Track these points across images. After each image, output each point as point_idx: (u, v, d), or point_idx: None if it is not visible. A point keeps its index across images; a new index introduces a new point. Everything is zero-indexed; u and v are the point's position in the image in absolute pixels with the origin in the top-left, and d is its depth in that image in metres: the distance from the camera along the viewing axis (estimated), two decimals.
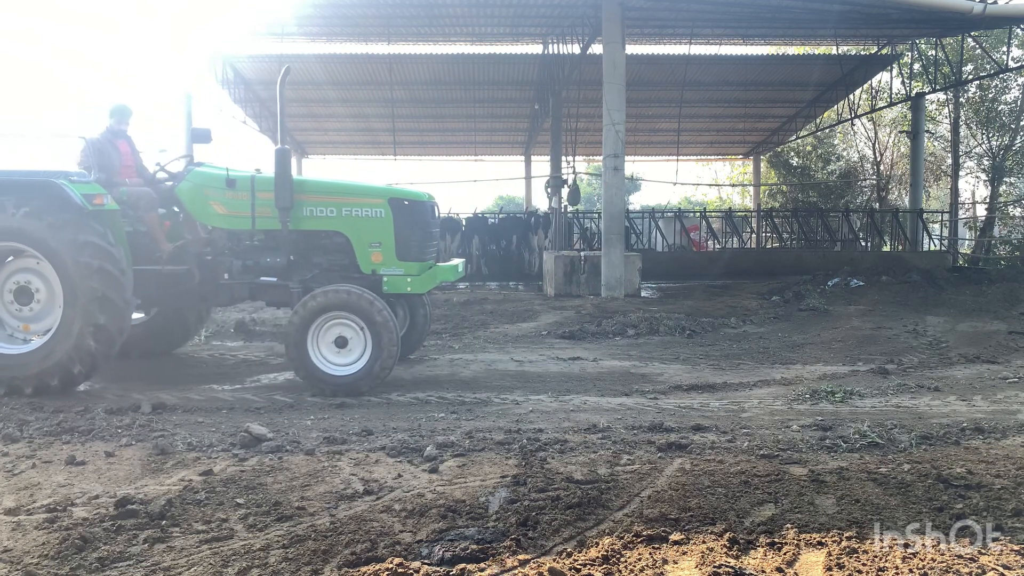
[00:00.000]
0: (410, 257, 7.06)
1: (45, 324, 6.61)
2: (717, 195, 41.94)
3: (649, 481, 4.02)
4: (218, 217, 7.06)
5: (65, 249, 6.28)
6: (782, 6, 17.27)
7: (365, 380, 6.58)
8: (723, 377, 7.48)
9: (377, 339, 6.52)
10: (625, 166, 15.13)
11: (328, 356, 6.65)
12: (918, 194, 24.36)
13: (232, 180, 6.94)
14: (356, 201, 7.06)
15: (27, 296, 6.63)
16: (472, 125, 29.17)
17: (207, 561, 3.09)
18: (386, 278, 6.99)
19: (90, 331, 6.28)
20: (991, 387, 6.90)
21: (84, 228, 6.34)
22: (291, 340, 6.56)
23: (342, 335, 6.65)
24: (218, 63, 22.89)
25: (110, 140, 7.29)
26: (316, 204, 7.02)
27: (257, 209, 6.94)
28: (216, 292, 7.31)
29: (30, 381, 6.29)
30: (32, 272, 6.65)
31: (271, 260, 7.18)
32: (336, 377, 6.59)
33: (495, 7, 18.61)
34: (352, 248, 7.07)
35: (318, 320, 6.58)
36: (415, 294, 7.37)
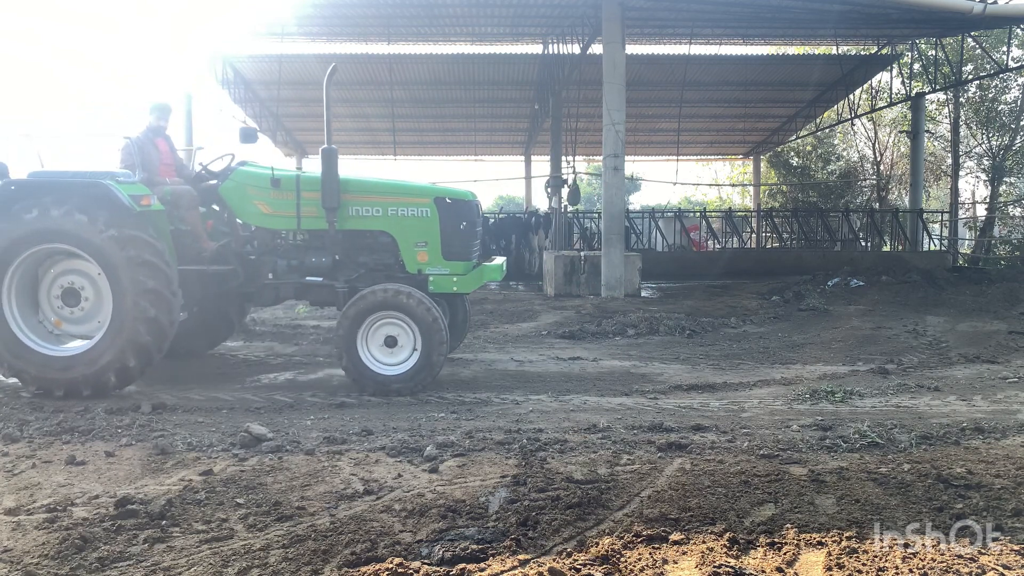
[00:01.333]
0: (455, 256, 7.05)
1: (92, 325, 6.58)
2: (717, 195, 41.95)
3: (649, 481, 4.02)
4: (262, 217, 7.04)
5: (114, 250, 6.24)
6: (782, 6, 17.26)
7: (415, 379, 6.57)
8: (723, 377, 7.48)
9: (427, 339, 6.51)
10: (625, 166, 15.13)
11: (377, 356, 6.64)
12: (918, 194, 24.36)
13: (277, 179, 6.91)
14: (402, 201, 7.03)
15: (74, 298, 6.60)
16: (472, 125, 29.19)
17: (207, 561, 3.09)
18: (432, 277, 6.99)
19: (142, 325, 6.25)
20: (991, 387, 6.90)
21: (132, 227, 6.32)
22: (341, 340, 6.54)
23: (391, 335, 6.63)
24: (218, 63, 22.90)
25: (150, 139, 7.25)
26: (362, 204, 6.99)
27: (302, 209, 6.92)
28: (260, 292, 7.27)
29: (88, 381, 6.27)
30: (78, 273, 6.61)
31: (316, 260, 7.14)
32: (386, 377, 6.57)
33: (495, 7, 18.61)
34: (397, 248, 7.06)
35: (368, 320, 6.56)
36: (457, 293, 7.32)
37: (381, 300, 6.53)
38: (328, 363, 8.17)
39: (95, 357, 6.28)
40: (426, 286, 6.92)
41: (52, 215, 6.27)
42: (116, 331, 6.30)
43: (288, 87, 23.48)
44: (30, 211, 6.30)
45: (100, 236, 6.25)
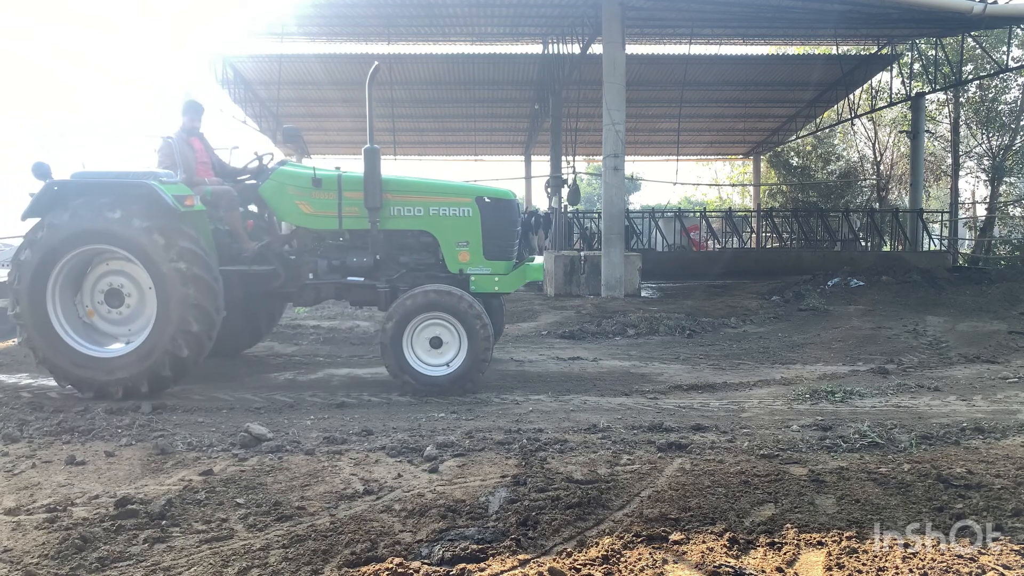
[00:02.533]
0: (497, 256, 7.04)
1: (135, 326, 6.56)
2: (717, 195, 41.98)
3: (649, 481, 4.02)
4: (304, 216, 7.00)
5: (159, 253, 6.22)
6: (782, 6, 17.27)
7: (460, 380, 6.55)
8: (723, 377, 7.48)
9: (473, 339, 6.49)
10: (625, 166, 15.13)
11: (423, 356, 6.62)
12: (918, 194, 24.37)
13: (319, 179, 6.89)
14: (444, 200, 7.01)
15: (118, 299, 6.58)
16: (472, 125, 29.23)
17: (207, 561, 3.09)
18: (473, 277, 6.98)
19: (182, 337, 6.23)
20: (991, 387, 6.90)
21: (177, 231, 6.30)
22: (387, 341, 6.51)
23: (437, 335, 6.61)
24: (218, 63, 22.91)
25: (184, 139, 7.22)
26: (403, 204, 6.97)
27: (344, 208, 6.90)
28: (301, 292, 7.22)
29: (120, 385, 6.25)
30: (121, 274, 6.58)
31: (357, 260, 7.10)
32: (431, 378, 6.56)
33: (495, 7, 18.62)
34: (439, 247, 7.05)
35: (414, 321, 6.53)
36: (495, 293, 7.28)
37: (428, 301, 6.51)
38: (328, 363, 8.18)
39: (137, 359, 6.27)
40: (467, 286, 6.90)
41: (97, 216, 6.25)
42: (156, 339, 6.27)
43: (288, 87, 23.49)
44: (74, 212, 6.27)
45: (145, 237, 6.22)
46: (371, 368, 7.96)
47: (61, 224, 6.27)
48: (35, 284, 6.29)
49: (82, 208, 6.28)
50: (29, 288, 6.29)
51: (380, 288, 6.99)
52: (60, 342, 6.32)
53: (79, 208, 6.28)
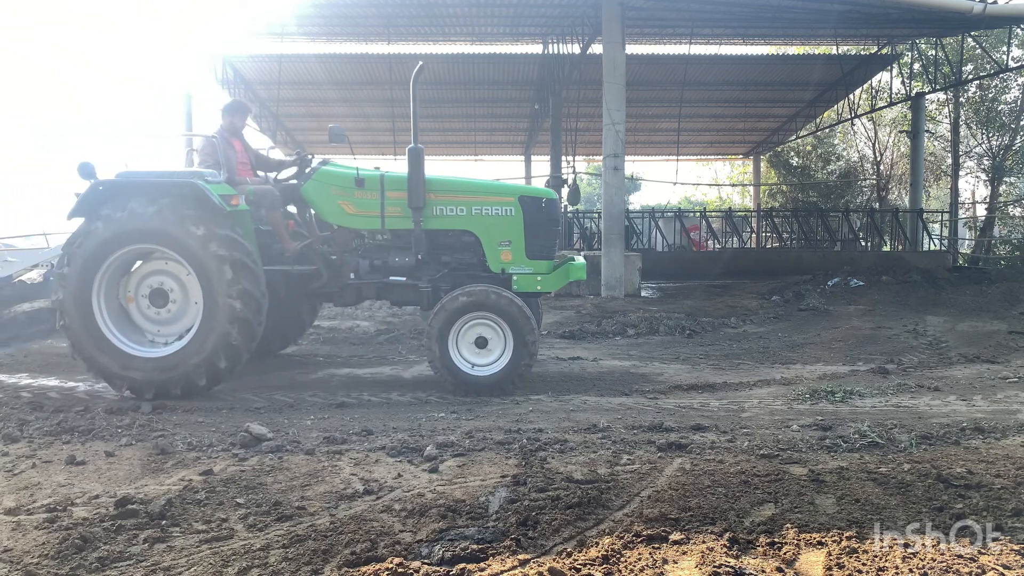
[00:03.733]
0: (539, 255, 7.04)
1: (180, 326, 6.56)
2: (717, 195, 41.99)
3: (649, 481, 4.02)
4: (346, 216, 7.00)
5: (206, 251, 6.21)
6: (782, 6, 17.27)
7: (506, 380, 6.56)
8: (723, 377, 7.48)
9: (519, 339, 6.49)
10: (625, 166, 15.14)
11: (468, 356, 6.62)
12: (918, 194, 24.38)
13: (362, 179, 6.89)
14: (487, 200, 7.03)
15: (162, 298, 6.57)
16: (472, 125, 29.24)
17: (207, 561, 3.09)
18: (516, 277, 6.98)
19: (233, 328, 6.23)
20: (991, 387, 6.90)
21: (223, 229, 6.30)
22: (432, 341, 6.51)
23: (482, 335, 6.61)
24: (218, 63, 22.90)
25: (226, 138, 7.22)
26: (446, 203, 6.97)
27: (387, 208, 6.91)
28: (342, 292, 7.21)
29: (177, 382, 6.25)
30: (164, 274, 6.58)
31: (399, 259, 7.10)
32: (477, 378, 6.56)
33: (495, 7, 18.62)
34: (481, 247, 7.06)
35: (460, 320, 6.53)
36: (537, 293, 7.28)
37: (474, 301, 6.51)
38: (328, 363, 8.18)
39: (184, 359, 6.26)
40: (509, 286, 6.90)
41: (143, 215, 6.23)
42: (206, 332, 6.26)
43: (288, 87, 23.49)
44: (121, 212, 6.26)
45: (192, 237, 6.22)
46: (371, 368, 7.96)
47: (106, 224, 6.27)
48: (81, 286, 6.28)
49: (128, 208, 6.26)
50: (76, 291, 6.28)
51: (422, 288, 7.00)
52: (108, 345, 6.30)
53: (125, 208, 6.27)
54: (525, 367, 6.62)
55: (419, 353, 8.92)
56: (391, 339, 9.91)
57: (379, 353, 8.90)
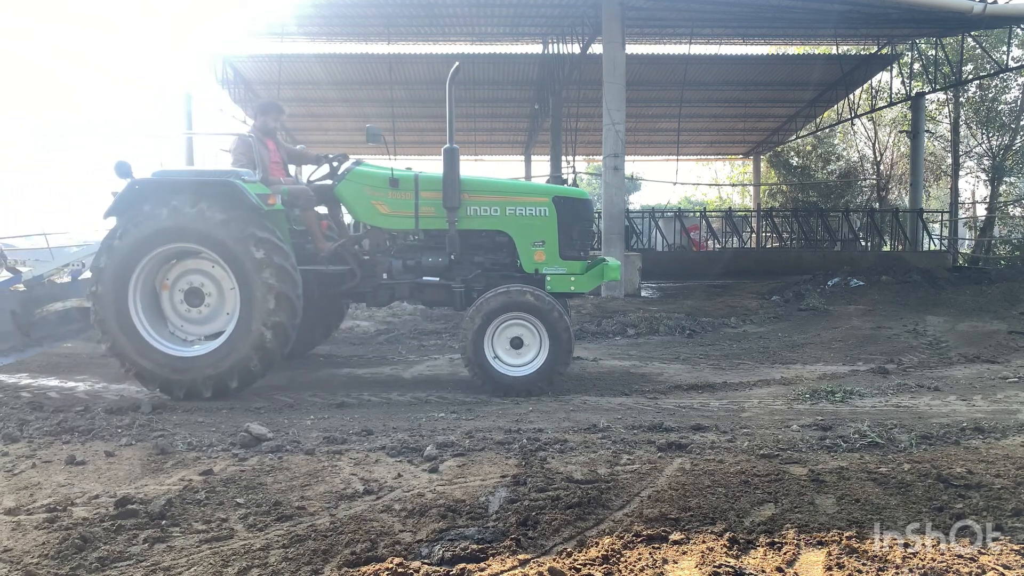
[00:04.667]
0: (572, 256, 7.03)
1: (215, 326, 6.56)
2: (717, 195, 41.99)
3: (649, 481, 4.02)
4: (380, 217, 7.00)
5: (243, 250, 6.21)
6: (782, 6, 17.28)
7: (540, 381, 6.54)
8: (723, 377, 7.48)
9: (555, 340, 6.48)
10: (625, 166, 15.14)
11: (503, 356, 6.61)
12: (918, 194, 24.38)
13: (396, 180, 6.89)
14: (521, 200, 7.02)
15: (198, 298, 6.57)
16: (472, 125, 29.23)
17: (207, 561, 3.09)
18: (549, 277, 6.96)
19: (268, 329, 6.23)
20: (991, 387, 6.90)
21: (261, 229, 6.30)
22: (468, 341, 6.50)
23: (518, 336, 6.60)
24: (218, 63, 22.91)
25: (260, 138, 7.20)
26: (480, 203, 6.97)
27: (421, 208, 6.91)
28: (375, 292, 7.21)
29: (209, 383, 6.25)
30: (200, 273, 6.57)
31: (432, 260, 7.08)
32: (511, 378, 6.55)
33: (495, 7, 18.62)
34: (515, 247, 7.05)
35: (496, 321, 6.52)
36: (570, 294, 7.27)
37: (512, 301, 6.49)
38: (328, 363, 8.18)
39: (220, 358, 6.26)
40: (543, 286, 6.89)
41: (180, 214, 6.23)
42: (243, 332, 6.26)
43: (288, 87, 23.49)
44: (158, 210, 6.26)
45: (230, 236, 6.21)
46: (371, 368, 7.96)
47: (144, 223, 6.27)
48: (118, 284, 6.28)
49: (165, 206, 6.26)
50: (112, 289, 6.27)
51: (456, 288, 7.00)
52: (144, 344, 6.31)
53: (162, 206, 6.27)
54: (560, 369, 6.60)
55: (419, 353, 8.92)
56: (391, 339, 9.91)
57: (379, 353, 8.90)
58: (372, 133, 7.00)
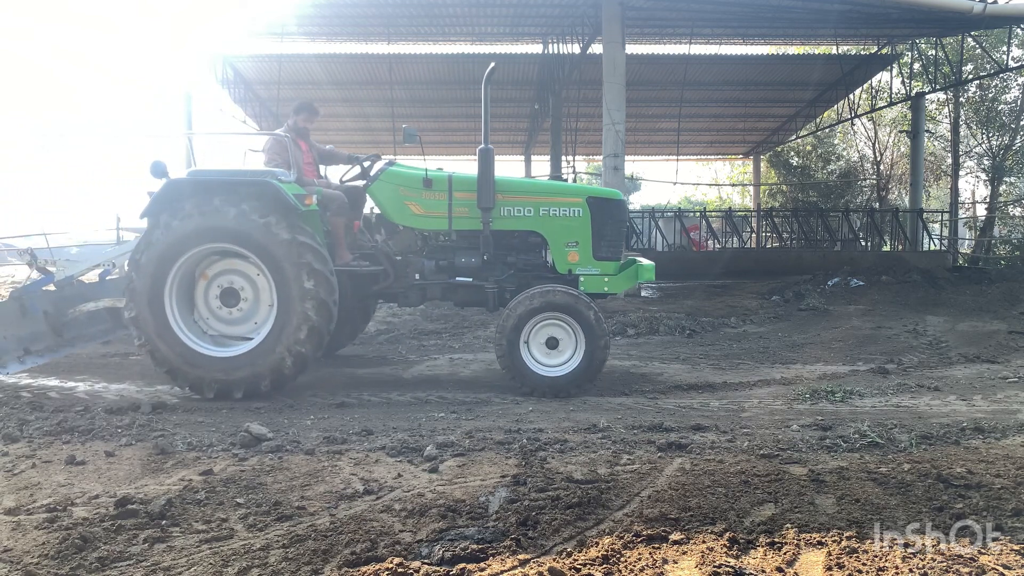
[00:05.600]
0: (605, 256, 7.04)
1: (249, 326, 6.56)
2: (717, 195, 41.99)
3: (649, 481, 4.02)
4: (413, 217, 6.99)
5: (282, 250, 6.20)
6: (782, 6, 17.27)
7: (576, 382, 6.54)
8: (723, 377, 7.48)
9: (591, 341, 6.47)
10: (625, 166, 15.14)
11: (538, 356, 6.60)
12: (918, 194, 24.37)
13: (429, 180, 6.88)
14: (554, 201, 7.02)
15: (234, 298, 6.55)
16: (472, 125, 29.21)
17: (207, 561, 3.09)
18: (583, 278, 6.97)
19: (303, 332, 6.22)
20: (991, 387, 6.90)
21: (299, 230, 6.29)
22: (504, 340, 6.49)
23: (553, 336, 6.59)
24: (218, 63, 22.91)
25: (292, 138, 7.17)
26: (514, 204, 6.97)
27: (454, 209, 6.90)
28: (407, 293, 7.18)
29: (241, 384, 6.25)
30: (236, 273, 6.56)
31: (465, 260, 7.07)
32: (546, 378, 6.54)
33: (495, 7, 18.62)
34: (547, 248, 7.06)
35: (532, 320, 6.51)
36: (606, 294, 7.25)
37: (548, 301, 6.48)
38: (327, 363, 8.17)
39: (255, 359, 6.26)
40: (576, 287, 6.88)
41: (217, 214, 6.22)
42: (278, 333, 6.26)
43: (288, 87, 23.48)
44: (194, 210, 6.26)
45: (269, 236, 6.20)
46: (371, 368, 7.96)
47: (180, 222, 6.26)
48: (154, 284, 6.28)
49: (202, 206, 6.26)
50: (148, 289, 6.27)
51: (488, 289, 6.99)
52: (179, 343, 6.30)
53: (198, 206, 6.26)
54: (596, 369, 6.59)
55: (419, 353, 8.92)
56: (391, 339, 9.91)
57: (379, 353, 8.89)
58: (408, 134, 6.99)
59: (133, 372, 7.46)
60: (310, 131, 7.50)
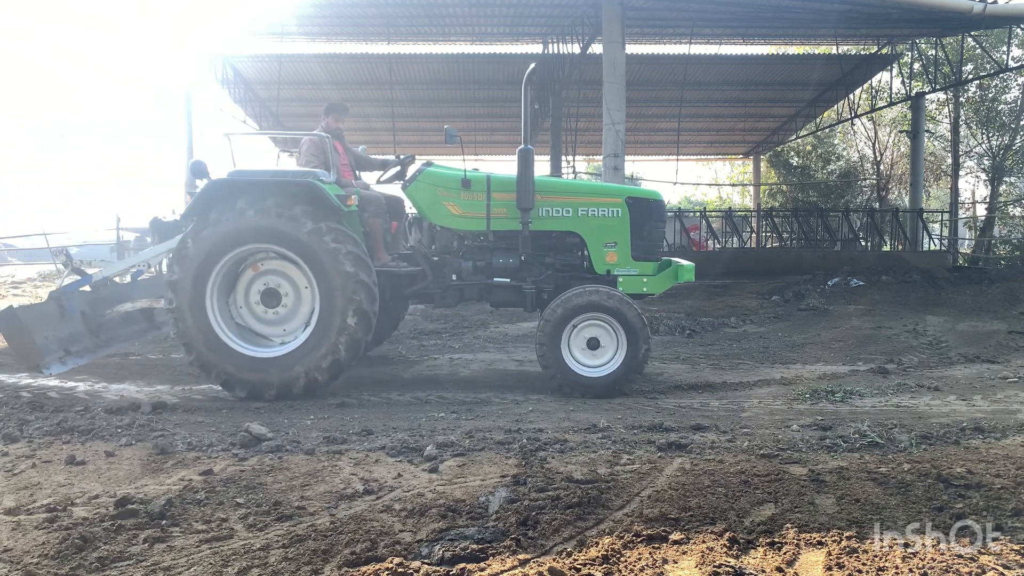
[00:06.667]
0: (644, 257, 7.02)
1: (278, 330, 6.56)
2: (717, 195, 41.99)
3: (649, 481, 4.02)
4: (451, 218, 6.98)
5: (325, 252, 6.20)
6: (782, 6, 17.27)
7: (617, 383, 6.52)
8: (723, 377, 7.48)
9: (633, 342, 6.45)
10: (625, 166, 15.13)
11: (579, 357, 6.59)
12: (918, 194, 24.37)
13: (468, 180, 6.88)
14: (593, 201, 7.00)
15: (275, 299, 6.56)
16: (472, 125, 29.22)
17: (207, 561, 3.09)
18: (621, 278, 6.94)
19: (343, 338, 6.23)
20: (991, 387, 6.90)
21: (341, 231, 6.29)
22: (545, 340, 6.47)
23: (595, 336, 6.57)
24: (218, 63, 22.91)
25: (328, 140, 7.16)
26: (552, 204, 6.95)
27: (493, 209, 6.88)
28: (444, 293, 7.15)
29: (274, 386, 6.24)
30: (277, 274, 6.56)
31: (503, 261, 7.05)
32: (587, 379, 6.52)
33: (495, 7, 18.62)
34: (586, 248, 7.04)
35: (574, 320, 6.50)
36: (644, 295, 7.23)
37: (591, 301, 6.46)
38: None
39: (292, 362, 6.27)
40: (615, 287, 6.86)
41: (259, 214, 6.22)
42: (321, 333, 6.26)
43: (288, 87, 23.49)
44: (236, 210, 6.26)
45: (311, 236, 6.19)
46: (371, 368, 7.96)
47: (222, 223, 6.26)
48: (196, 284, 6.28)
49: (244, 207, 6.26)
50: (191, 288, 6.28)
51: (527, 290, 6.97)
52: (218, 341, 6.31)
53: (241, 207, 6.26)
54: (637, 370, 6.57)
55: (419, 353, 8.92)
56: (391, 339, 9.90)
57: (379, 353, 8.89)
58: (450, 135, 7.00)
59: (133, 372, 7.46)
60: (342, 131, 7.47)
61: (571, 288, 6.68)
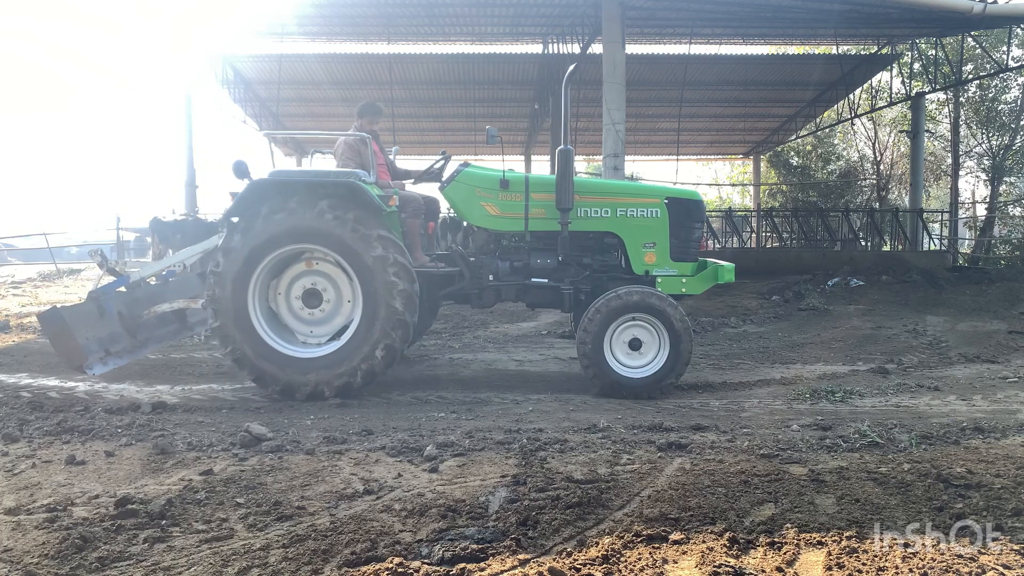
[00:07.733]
0: (682, 257, 7.01)
1: (330, 327, 6.58)
2: (717, 195, 41.97)
3: (649, 481, 4.02)
4: (489, 218, 6.97)
5: (367, 251, 6.20)
6: (782, 6, 17.27)
7: (659, 384, 6.51)
8: (723, 376, 7.48)
9: (676, 343, 6.44)
10: (625, 166, 15.13)
11: (620, 357, 6.58)
12: (918, 194, 24.37)
13: (506, 181, 6.87)
14: (632, 201, 6.99)
15: (316, 299, 6.57)
16: (472, 125, 29.22)
17: (207, 561, 3.09)
18: (660, 279, 6.92)
19: (380, 349, 6.25)
20: (991, 387, 6.90)
21: (384, 232, 6.29)
22: (588, 340, 6.46)
23: (637, 337, 6.57)
24: (218, 63, 22.91)
25: (363, 140, 7.13)
26: (591, 205, 6.94)
27: (531, 210, 6.87)
28: (482, 294, 7.14)
29: (308, 386, 6.26)
30: (325, 277, 6.57)
31: (541, 261, 7.05)
32: (629, 379, 6.52)
33: (495, 7, 18.63)
34: (624, 248, 7.03)
35: (617, 321, 6.49)
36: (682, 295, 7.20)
37: (634, 301, 6.45)
38: None
39: (341, 359, 6.28)
40: (653, 288, 6.84)
41: (302, 215, 6.22)
42: (365, 333, 6.26)
43: (288, 87, 23.50)
44: (279, 211, 6.26)
45: (355, 237, 6.19)
46: None
47: (264, 224, 6.26)
48: (237, 284, 6.29)
49: (286, 207, 6.26)
50: (232, 287, 6.29)
51: (564, 290, 6.96)
52: (258, 339, 6.32)
53: (284, 207, 6.27)
54: (679, 371, 6.55)
55: (419, 353, 8.92)
56: None
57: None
58: (491, 135, 7.00)
59: (133, 372, 7.46)
60: (377, 133, 7.44)
61: (611, 288, 6.67)
